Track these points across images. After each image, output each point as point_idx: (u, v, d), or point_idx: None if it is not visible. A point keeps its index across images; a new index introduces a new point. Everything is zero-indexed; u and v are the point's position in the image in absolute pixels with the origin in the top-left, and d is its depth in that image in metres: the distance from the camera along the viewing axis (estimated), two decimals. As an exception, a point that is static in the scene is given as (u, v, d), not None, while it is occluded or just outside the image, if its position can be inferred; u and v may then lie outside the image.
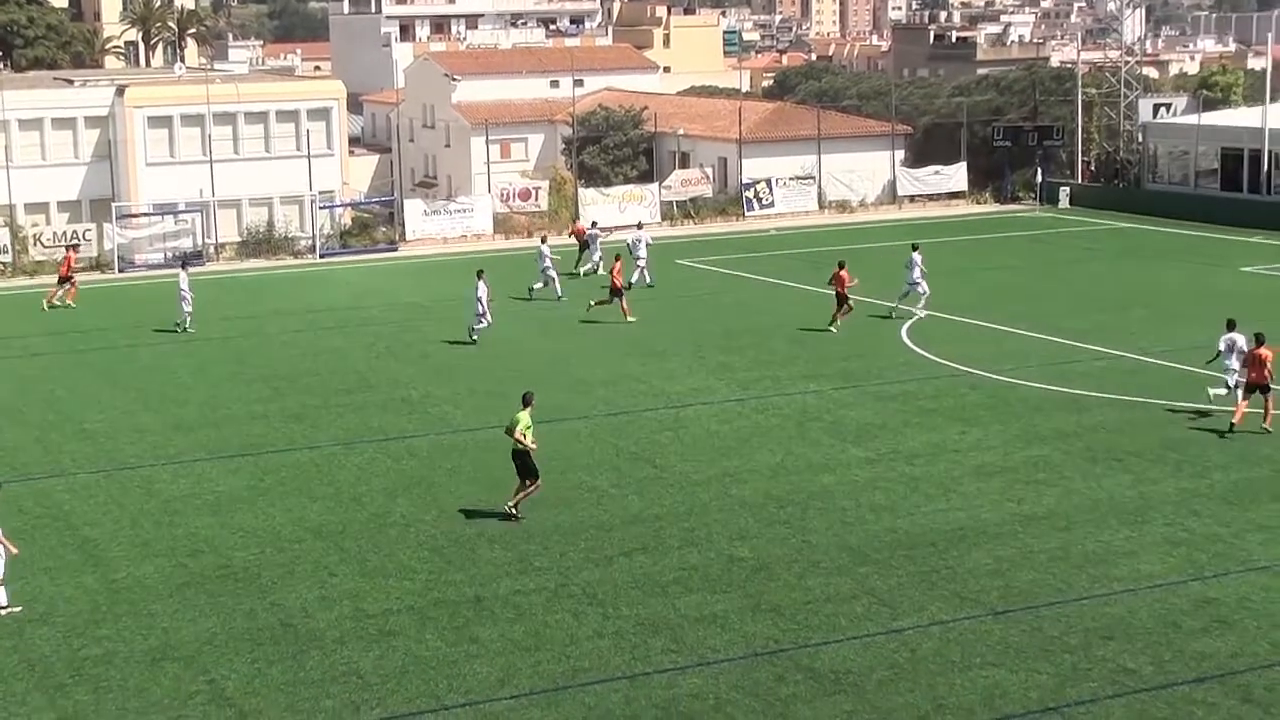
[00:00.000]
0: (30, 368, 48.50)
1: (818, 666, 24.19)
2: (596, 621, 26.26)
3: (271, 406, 42.28)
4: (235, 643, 25.74)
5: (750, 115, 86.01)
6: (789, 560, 28.99)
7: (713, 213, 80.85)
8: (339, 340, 51.28)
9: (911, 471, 34.40)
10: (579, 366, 45.95)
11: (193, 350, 50.37)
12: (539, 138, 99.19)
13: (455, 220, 76.27)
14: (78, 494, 34.57)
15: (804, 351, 47.20)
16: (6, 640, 26.10)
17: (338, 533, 31.31)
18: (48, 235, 69.66)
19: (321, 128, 77.71)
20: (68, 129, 75.41)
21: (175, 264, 69.56)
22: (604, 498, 33.17)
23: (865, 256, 67.00)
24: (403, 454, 37.11)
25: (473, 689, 23.70)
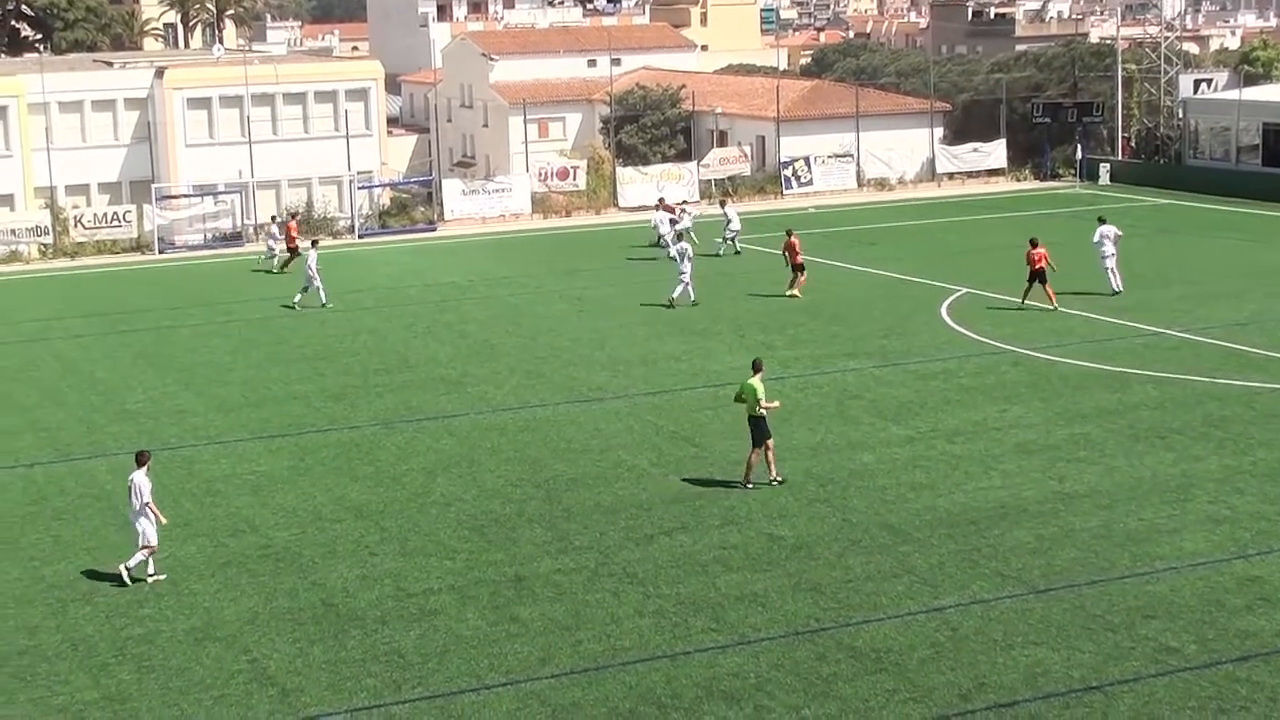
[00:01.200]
0: (72, 349, 48.71)
1: (859, 645, 24.14)
2: (637, 600, 26.26)
3: (311, 386, 42.39)
4: (277, 622, 25.82)
5: (788, 93, 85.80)
6: (829, 539, 28.94)
7: (751, 191, 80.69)
8: (378, 320, 51.36)
9: (952, 449, 34.29)
10: (619, 346, 45.92)
11: (232, 331, 50.53)
12: (577, 117, 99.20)
13: (493, 200, 76.27)
14: (120, 475, 34.64)
15: (844, 330, 47.08)
16: (50, 620, 26.24)
17: (378, 512, 31.38)
18: (88, 217, 69.92)
19: (360, 108, 77.84)
20: (107, 111, 75.66)
21: (216, 245, 69.90)
22: (644, 477, 33.15)
23: (904, 234, 66.86)
24: (442, 433, 37.16)
25: (513, 668, 23.73)
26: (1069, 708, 21.83)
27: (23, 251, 68.36)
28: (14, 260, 67.68)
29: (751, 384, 31.74)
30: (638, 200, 77.70)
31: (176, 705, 22.78)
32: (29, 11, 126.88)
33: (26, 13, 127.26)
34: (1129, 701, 22.01)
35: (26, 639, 25.48)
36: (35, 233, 68.61)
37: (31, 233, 68.55)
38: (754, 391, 31.61)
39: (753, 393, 31.63)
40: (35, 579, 28.21)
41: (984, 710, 21.84)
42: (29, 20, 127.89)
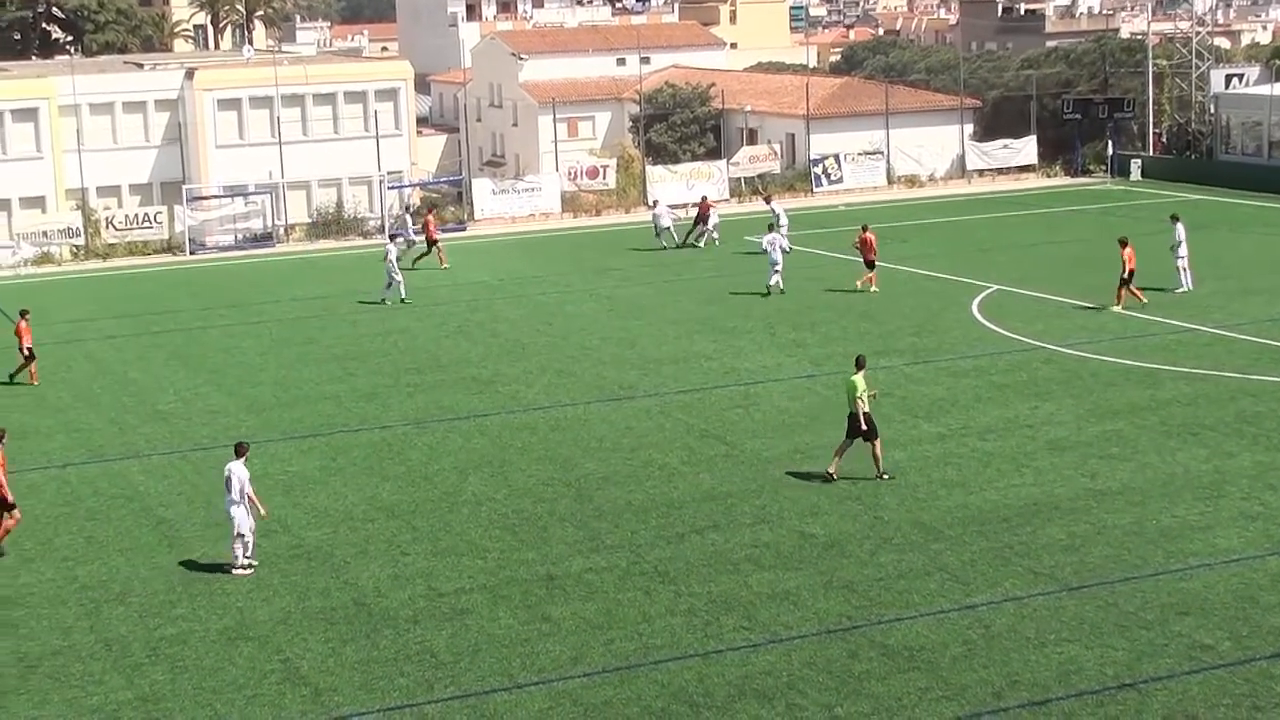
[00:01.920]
0: (104, 350, 48.89)
1: (891, 643, 24.09)
2: (669, 599, 26.24)
3: (342, 386, 42.47)
4: (309, 622, 25.87)
5: (818, 91, 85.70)
6: (861, 537, 28.89)
7: (781, 189, 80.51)
8: (409, 320, 51.43)
9: (984, 447, 34.20)
10: (649, 345, 45.91)
11: (263, 331, 50.66)
12: (606, 116, 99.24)
13: (523, 199, 76.31)
14: (153, 475, 34.83)
15: (874, 327, 46.99)
16: (83, 620, 26.34)
17: (410, 512, 31.42)
18: (119, 218, 70.16)
19: (389, 108, 77.99)
20: (138, 112, 75.93)
21: (247, 245, 70.08)
22: (675, 475, 33.14)
23: (935, 231, 66.72)
24: (474, 433, 37.19)
25: (545, 667, 23.74)
26: (1102, 705, 21.76)
27: (55, 253, 68.62)
28: (46, 262, 67.95)
29: (853, 380, 31.86)
30: (668, 199, 77.58)
31: (210, 705, 22.85)
32: (60, 14, 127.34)
33: (57, 15, 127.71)
34: (1163, 699, 21.93)
35: (60, 639, 25.58)
36: (67, 234, 68.89)
37: (63, 234, 68.83)
38: (854, 388, 31.72)
39: (852, 389, 31.74)
40: (68, 579, 28.31)
41: (1017, 708, 21.78)
42: (60, 23, 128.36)
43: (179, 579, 28.10)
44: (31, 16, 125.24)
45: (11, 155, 71.46)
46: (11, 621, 26.40)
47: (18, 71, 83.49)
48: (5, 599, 27.41)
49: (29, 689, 23.69)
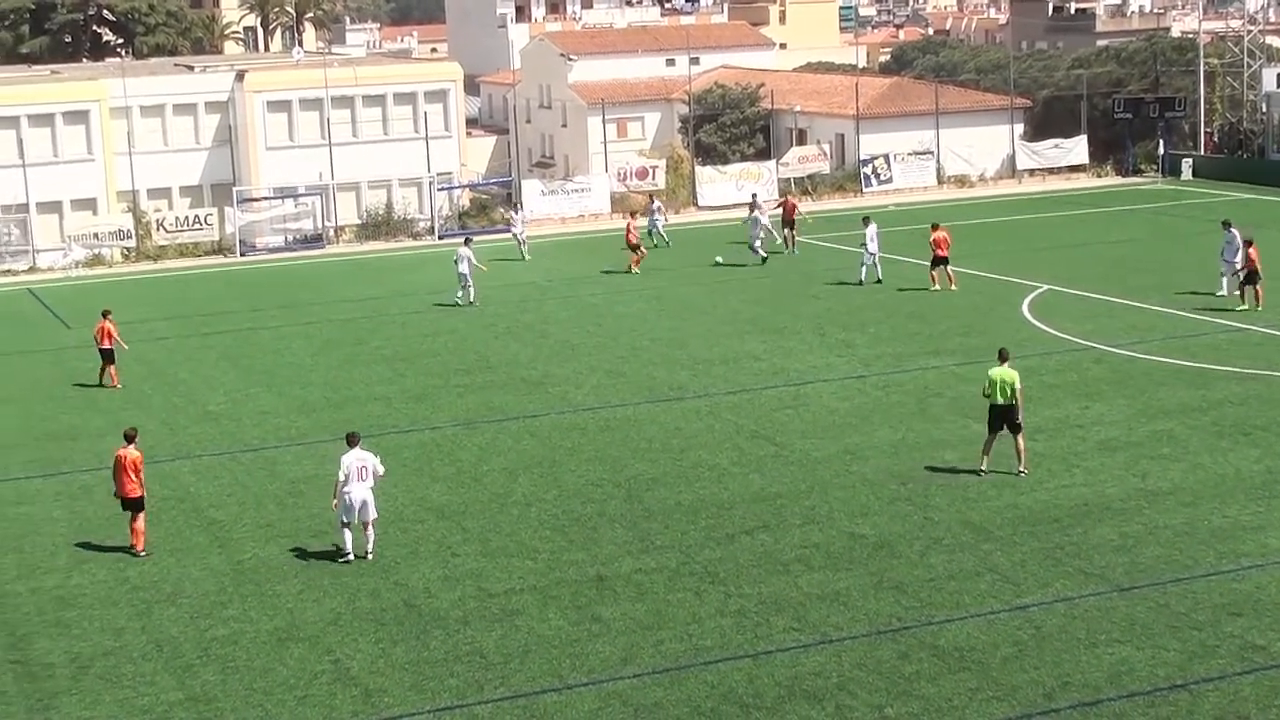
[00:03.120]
0: (155, 351, 49.14)
1: (941, 644, 24.01)
2: (719, 600, 26.21)
3: (392, 388, 42.58)
4: (359, 623, 25.94)
5: (867, 91, 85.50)
6: (911, 537, 28.79)
7: (830, 189, 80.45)
8: (458, 321, 51.52)
9: (1034, 447, 34.01)
10: (698, 345, 45.88)
11: (313, 332, 50.84)
12: (655, 116, 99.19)
13: (572, 200, 76.41)
14: (203, 476, 35.00)
15: (924, 328, 46.84)
16: (135, 621, 26.47)
17: (459, 512, 31.47)
18: (170, 220, 70.55)
19: (439, 109, 78.13)
20: (188, 115, 76.25)
21: (297, 247, 70.35)
22: (725, 476, 33.10)
23: (985, 231, 66.47)
24: (523, 434, 37.23)
25: (595, 668, 23.74)
26: (1154, 706, 21.63)
27: (106, 255, 69.07)
28: (97, 264, 68.39)
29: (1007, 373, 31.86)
30: (717, 200, 77.66)
31: (260, 706, 22.93)
32: (110, 17, 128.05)
33: (108, 18, 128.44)
34: (1214, 700, 21.78)
35: (112, 640, 25.71)
36: (118, 236, 69.32)
37: (114, 236, 69.26)
38: (1012, 381, 31.76)
39: (1011, 383, 31.76)
40: (120, 580, 28.46)
41: (1068, 709, 21.67)
42: (110, 25, 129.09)
43: (230, 580, 28.22)
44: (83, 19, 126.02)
45: (63, 157, 71.87)
46: (64, 622, 26.57)
47: (69, 74, 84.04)
48: (58, 599, 27.58)
49: (81, 689, 23.83)
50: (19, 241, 68.85)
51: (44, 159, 71.37)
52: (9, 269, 67.29)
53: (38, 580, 28.64)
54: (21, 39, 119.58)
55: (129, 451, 29.92)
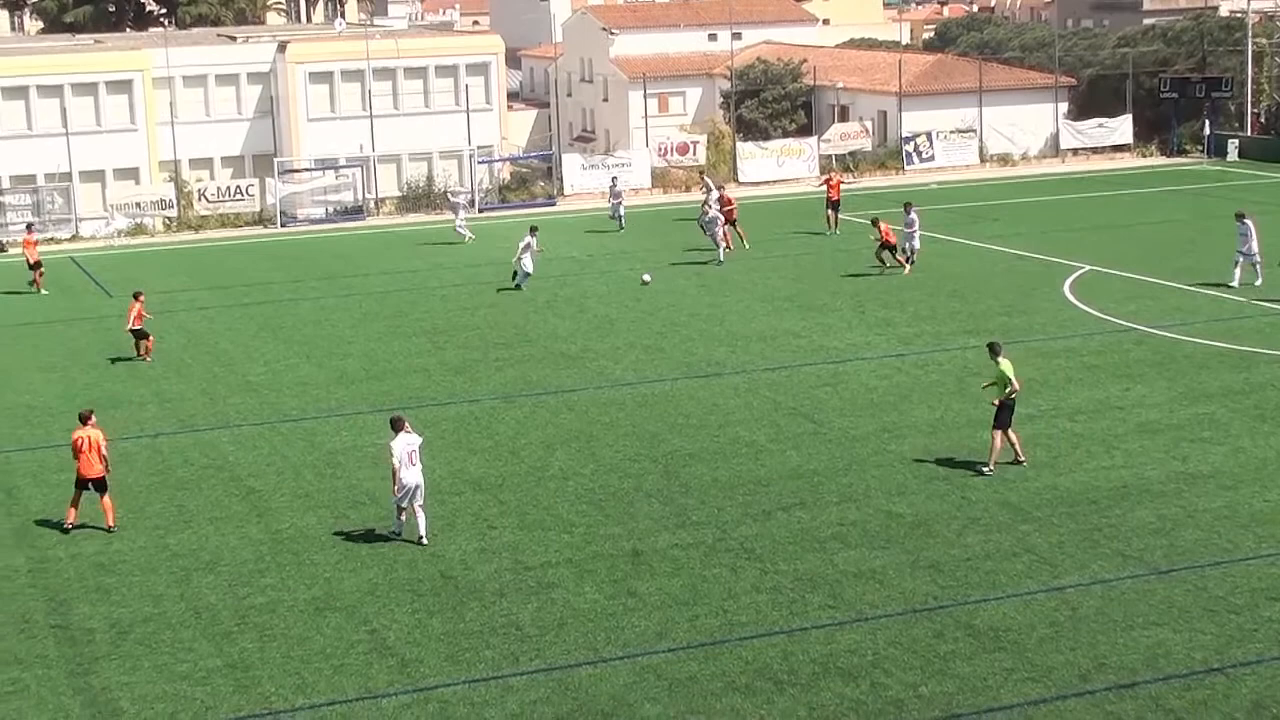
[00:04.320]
0: (196, 320, 49.33)
1: (977, 624, 23.97)
2: (754, 576, 26.22)
3: (431, 360, 42.67)
4: (396, 593, 26.03)
5: (910, 68, 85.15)
6: (948, 517, 28.74)
7: (872, 166, 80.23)
8: (498, 295, 51.54)
9: (1073, 428, 33.93)
10: (737, 321, 45.84)
11: (353, 304, 50.95)
12: (697, 91, 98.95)
13: (613, 174, 76.24)
14: (242, 445, 35.14)
15: (964, 307, 46.70)
16: (174, 588, 26.61)
17: (497, 485, 31.54)
18: (211, 190, 70.75)
19: (480, 82, 78.16)
20: (231, 85, 76.49)
21: (337, 219, 70.47)
22: (762, 453, 33.08)
23: (1027, 210, 66.20)
24: (561, 408, 37.27)
25: (630, 642, 23.78)
26: (1190, 689, 21.57)
27: (148, 224, 69.34)
28: (139, 233, 68.64)
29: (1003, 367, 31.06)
30: (758, 175, 77.51)
31: (298, 674, 23.04)
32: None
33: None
34: (1251, 684, 21.70)
35: (151, 607, 25.86)
36: (160, 206, 69.56)
37: (156, 206, 69.50)
38: (1004, 375, 30.96)
39: (1003, 376, 30.97)
40: (160, 548, 28.62)
41: (1103, 691, 21.62)
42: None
43: (268, 549, 28.34)
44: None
45: (106, 127, 72.17)
46: (104, 588, 26.73)
47: (112, 44, 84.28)
48: (99, 566, 27.76)
49: (121, 654, 23.98)
50: (62, 210, 69.15)
51: (87, 128, 71.68)
52: (52, 237, 67.54)
53: (78, 546, 28.81)
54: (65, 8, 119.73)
55: (89, 432, 29.62)
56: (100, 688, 22.88)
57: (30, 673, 23.48)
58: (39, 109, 71.53)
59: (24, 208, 68.16)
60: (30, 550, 28.69)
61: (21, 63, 73.06)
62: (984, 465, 31.21)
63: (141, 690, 22.71)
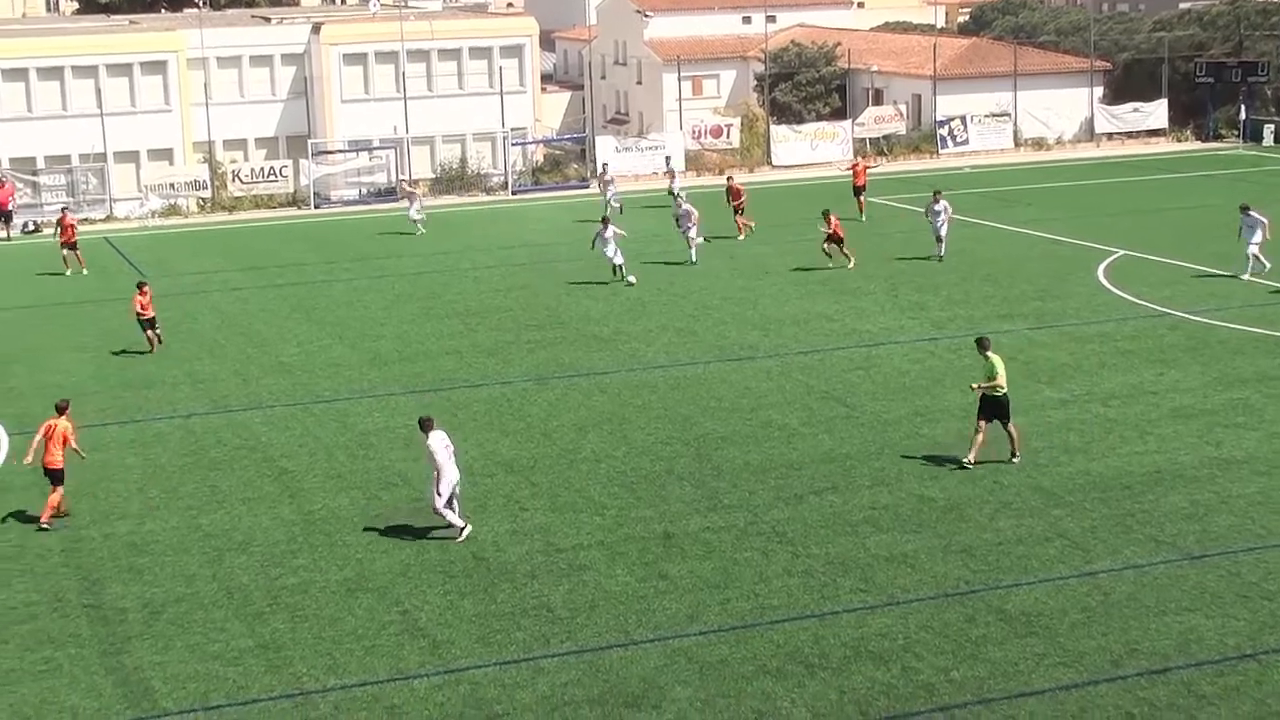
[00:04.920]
0: (229, 301, 49.45)
1: (1009, 608, 23.91)
2: (786, 560, 26.20)
3: (464, 342, 42.70)
4: (428, 575, 26.07)
5: (945, 51, 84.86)
6: (980, 501, 28.67)
7: (906, 150, 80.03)
8: (531, 276, 51.57)
9: (1106, 413, 33.82)
10: (770, 305, 45.78)
11: (386, 286, 51.01)
12: (731, 74, 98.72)
13: (646, 157, 76.23)
14: (275, 426, 35.23)
15: (998, 291, 46.56)
16: (206, 568, 26.70)
17: (529, 467, 31.56)
18: (245, 171, 70.90)
19: (514, 64, 78.16)
20: (265, 66, 76.64)
21: (372, 199, 70.52)
22: (794, 436, 33.04)
23: (1061, 195, 65.98)
24: (593, 390, 37.28)
25: (661, 624, 23.78)
26: (1222, 675, 21.48)
27: (182, 205, 69.53)
28: (173, 214, 68.85)
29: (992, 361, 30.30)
30: (792, 159, 77.38)
31: (329, 655, 23.10)
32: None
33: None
34: (1286, 672, 21.64)
35: (184, 587, 25.95)
36: (194, 187, 69.77)
37: (190, 187, 69.72)
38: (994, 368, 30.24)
39: (992, 369, 30.27)
40: (192, 528, 28.72)
41: (1135, 676, 21.55)
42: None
43: (300, 530, 28.41)
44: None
45: (140, 108, 72.40)
46: (137, 568, 26.84)
47: (147, 24, 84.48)
48: (131, 546, 27.86)
49: (153, 634, 24.07)
50: (96, 190, 69.40)
51: (122, 109, 71.91)
52: (86, 218, 67.77)
53: (111, 526, 28.93)
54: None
55: (60, 422, 29.40)
56: (133, 667, 22.98)
57: (63, 652, 23.60)
58: (74, 90, 71.77)
59: (59, 188, 68.44)
60: (64, 530, 28.81)
61: (57, 43, 73.34)
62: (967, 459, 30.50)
63: (174, 670, 22.79)
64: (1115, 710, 20.59)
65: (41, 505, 29.15)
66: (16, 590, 26.04)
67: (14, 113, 71.31)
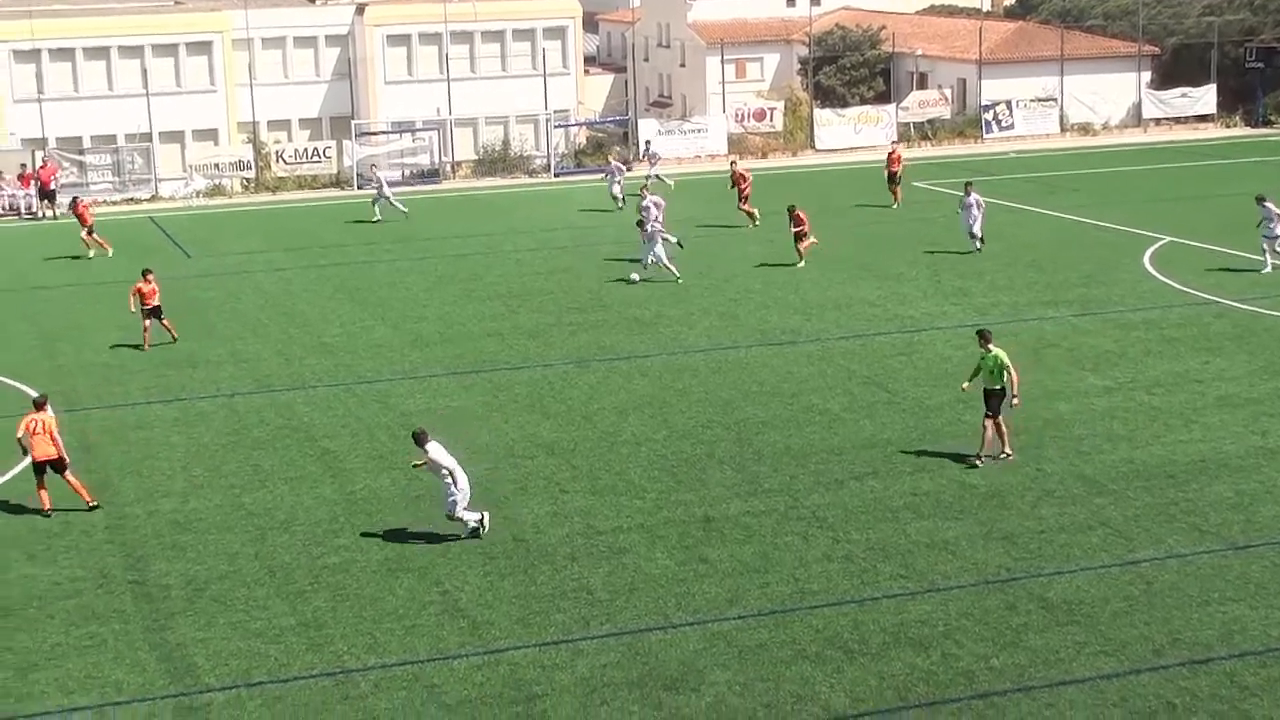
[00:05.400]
0: (272, 281, 49.61)
1: (1050, 596, 23.82)
2: (826, 545, 26.16)
3: (505, 324, 42.74)
4: (468, 555, 26.12)
5: (990, 35, 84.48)
6: (1022, 489, 28.57)
7: (950, 134, 79.74)
8: (572, 259, 51.58)
9: (1151, 401, 33.65)
10: (812, 289, 45.68)
11: (428, 267, 51.09)
12: (775, 58, 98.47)
13: (689, 140, 76.18)
14: (317, 406, 35.33)
15: (1042, 277, 46.35)
16: (249, 546, 26.81)
17: (569, 450, 31.57)
18: (289, 152, 71.08)
19: (557, 46, 78.19)
20: (309, 48, 76.85)
21: (414, 181, 70.62)
22: (835, 421, 32.97)
23: (1107, 180, 65.66)
24: (634, 373, 37.27)
25: (701, 608, 23.77)
26: (1265, 666, 21.36)
27: (226, 185, 69.76)
28: (217, 194, 69.10)
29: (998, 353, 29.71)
30: (835, 143, 77.20)
31: (370, 634, 23.17)
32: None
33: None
34: (1330, 663, 21.51)
35: (226, 565, 26.07)
36: (238, 167, 69.99)
37: (234, 167, 69.93)
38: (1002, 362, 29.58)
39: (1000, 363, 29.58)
40: (235, 506, 28.83)
41: (1177, 666, 21.45)
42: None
43: (342, 510, 28.49)
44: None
45: (186, 88, 72.69)
46: (180, 545, 26.96)
47: (193, 5, 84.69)
48: (175, 523, 27.99)
49: (196, 611, 24.19)
50: (142, 170, 69.66)
51: (167, 89, 72.18)
52: (132, 197, 68.15)
53: (155, 504, 29.08)
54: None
55: (43, 416, 28.90)
56: (176, 643, 23.10)
57: (108, 627, 23.74)
58: (120, 70, 72.11)
59: (105, 168, 68.76)
60: (108, 506, 28.97)
61: (103, 23, 73.66)
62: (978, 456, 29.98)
63: (216, 646, 22.90)
64: (1157, 700, 20.51)
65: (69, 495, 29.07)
66: (62, 566, 26.21)
67: (61, 92, 71.68)
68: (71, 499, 28.97)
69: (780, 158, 76.38)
